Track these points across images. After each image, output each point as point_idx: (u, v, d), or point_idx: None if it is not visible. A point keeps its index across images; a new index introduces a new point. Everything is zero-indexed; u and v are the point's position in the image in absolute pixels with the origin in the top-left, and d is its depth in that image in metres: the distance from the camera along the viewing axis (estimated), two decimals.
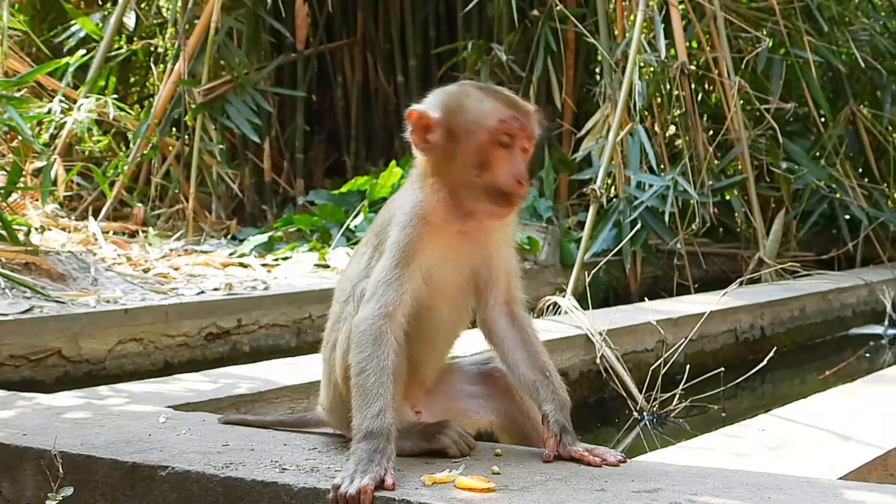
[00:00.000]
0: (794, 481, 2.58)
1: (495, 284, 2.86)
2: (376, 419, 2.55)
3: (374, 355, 2.63)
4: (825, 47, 9.94)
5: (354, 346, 2.67)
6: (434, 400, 2.96)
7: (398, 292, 2.69)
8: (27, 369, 5.40)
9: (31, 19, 11.04)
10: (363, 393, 2.60)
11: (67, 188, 9.24)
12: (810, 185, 9.93)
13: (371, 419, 2.55)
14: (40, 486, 2.88)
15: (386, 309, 2.68)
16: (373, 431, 2.54)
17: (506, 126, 2.71)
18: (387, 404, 2.58)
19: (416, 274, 2.73)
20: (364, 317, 2.68)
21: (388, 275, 2.71)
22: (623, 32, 9.10)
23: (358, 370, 2.63)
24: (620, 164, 8.45)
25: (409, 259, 2.72)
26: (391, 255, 2.74)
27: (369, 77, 11.80)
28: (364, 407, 2.58)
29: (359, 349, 2.65)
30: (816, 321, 8.03)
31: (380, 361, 2.62)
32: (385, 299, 2.68)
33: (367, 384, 2.60)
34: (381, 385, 2.60)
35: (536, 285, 8.20)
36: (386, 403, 2.58)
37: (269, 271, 7.67)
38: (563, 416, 2.74)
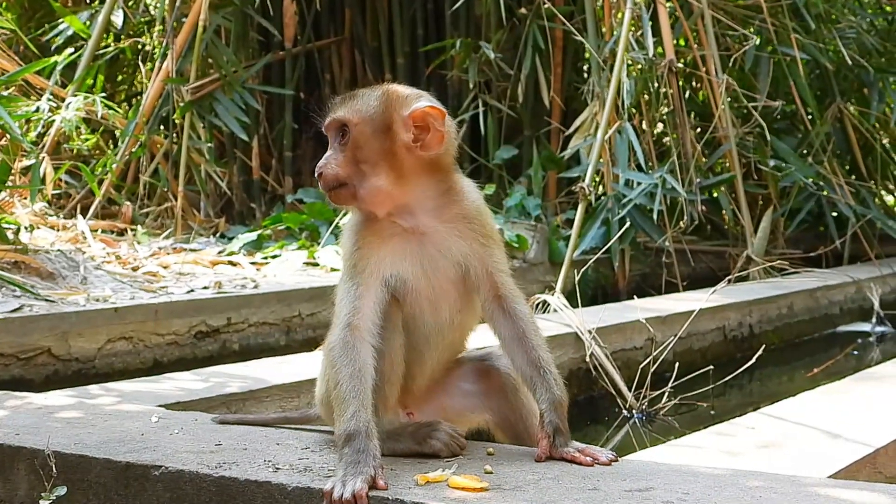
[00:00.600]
0: (784, 480, 2.60)
1: (481, 283, 2.86)
2: (351, 420, 2.59)
3: (343, 366, 2.68)
4: (812, 45, 9.97)
5: (328, 365, 2.75)
6: (430, 398, 2.98)
7: (354, 304, 2.75)
8: (17, 368, 5.39)
9: (18, 18, 11.02)
10: (339, 402, 2.65)
11: (56, 186, 9.22)
12: (798, 183, 9.96)
13: (347, 421, 2.59)
14: (33, 485, 2.88)
15: (347, 322, 2.74)
16: (351, 433, 2.57)
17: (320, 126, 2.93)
18: (360, 405, 2.62)
19: (369, 281, 2.78)
20: (331, 338, 2.76)
21: (344, 290, 2.80)
22: (611, 30, 9.11)
23: (333, 384, 2.69)
24: (609, 162, 8.46)
25: (359, 269, 2.79)
26: (343, 269, 2.86)
27: (357, 75, 11.79)
28: (340, 413, 2.63)
29: (331, 366, 2.72)
30: (804, 319, 8.06)
31: (349, 369, 2.67)
32: (344, 314, 2.75)
33: (340, 393, 2.65)
34: (352, 389, 2.64)
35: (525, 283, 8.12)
36: (359, 405, 2.62)
37: (258, 269, 7.68)
38: (557, 416, 2.74)
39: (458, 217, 2.84)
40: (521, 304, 2.87)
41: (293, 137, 11.16)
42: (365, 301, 2.75)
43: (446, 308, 2.87)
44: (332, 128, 2.85)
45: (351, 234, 2.85)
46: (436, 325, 2.87)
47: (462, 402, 3.00)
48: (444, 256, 2.83)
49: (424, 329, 2.86)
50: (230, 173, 10.69)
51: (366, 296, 2.76)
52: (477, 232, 2.86)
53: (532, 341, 2.83)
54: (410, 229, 2.81)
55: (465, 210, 2.86)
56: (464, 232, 2.84)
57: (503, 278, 2.87)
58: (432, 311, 2.85)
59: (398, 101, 2.84)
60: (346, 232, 2.88)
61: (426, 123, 2.80)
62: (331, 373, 2.71)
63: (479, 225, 2.87)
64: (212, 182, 10.00)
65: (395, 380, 2.82)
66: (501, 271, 2.87)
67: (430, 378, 2.97)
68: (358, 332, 2.72)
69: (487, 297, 2.86)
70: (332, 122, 2.85)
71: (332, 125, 2.85)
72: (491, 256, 2.86)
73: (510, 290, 2.87)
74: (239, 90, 9.69)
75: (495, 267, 2.86)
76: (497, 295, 2.86)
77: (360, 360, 2.68)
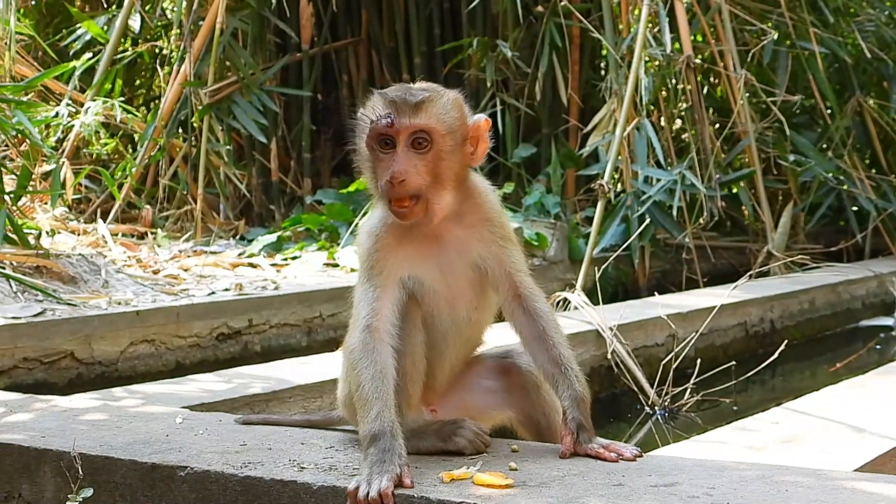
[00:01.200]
0: (810, 474, 2.59)
1: (500, 283, 2.86)
2: (376, 421, 2.60)
3: (365, 368, 2.69)
4: (831, 39, 9.94)
5: (349, 367, 2.75)
6: (452, 396, 2.99)
7: (372, 305, 2.76)
8: (40, 372, 5.42)
9: (36, 23, 11.07)
10: (362, 403, 2.66)
11: (76, 191, 9.25)
12: (818, 178, 9.93)
13: (371, 422, 2.60)
14: (60, 487, 2.90)
15: (366, 324, 2.74)
16: (376, 433, 2.58)
17: (375, 127, 2.72)
18: (384, 405, 2.63)
19: (387, 282, 2.78)
20: (350, 340, 2.77)
21: (362, 292, 2.80)
22: (628, 27, 9.10)
23: (356, 386, 2.70)
24: (627, 159, 8.45)
25: (376, 271, 2.79)
26: (361, 270, 2.86)
27: (375, 75, 11.79)
28: (364, 414, 2.64)
29: (352, 368, 2.73)
30: (826, 314, 8.03)
31: (370, 371, 2.68)
32: (363, 316, 2.76)
33: (363, 395, 2.66)
34: (375, 391, 2.65)
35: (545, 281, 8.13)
36: (383, 405, 2.63)
37: (278, 271, 7.69)
38: (579, 412, 2.74)
39: (479, 220, 2.85)
40: (541, 302, 2.87)
41: (311, 139, 11.17)
42: (383, 303, 2.76)
43: (463, 306, 2.88)
44: (408, 133, 2.71)
45: (368, 235, 2.84)
46: (453, 323, 2.88)
47: (484, 399, 3.01)
48: (462, 259, 2.83)
49: (442, 327, 2.87)
50: (249, 175, 10.70)
51: (384, 297, 2.76)
52: (496, 234, 2.87)
53: (553, 339, 2.83)
54: (430, 233, 2.81)
55: (485, 213, 2.86)
56: (483, 235, 2.85)
57: (522, 278, 2.87)
58: (450, 309, 2.86)
59: (465, 111, 2.83)
60: (364, 233, 2.87)
61: (479, 135, 2.82)
62: (352, 375, 2.72)
63: (499, 227, 2.88)
64: (231, 184, 10.02)
65: (418, 377, 2.83)
66: (520, 271, 2.88)
67: (451, 374, 2.98)
68: (377, 333, 2.73)
69: (507, 296, 2.86)
70: (411, 128, 2.71)
71: (410, 131, 2.71)
72: (509, 257, 2.87)
73: (530, 289, 2.87)
74: (257, 92, 9.70)
75: (514, 267, 2.87)
76: (517, 294, 2.86)
77: (381, 361, 2.69)
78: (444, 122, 2.74)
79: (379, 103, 2.74)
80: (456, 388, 3.00)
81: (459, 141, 2.77)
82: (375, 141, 2.73)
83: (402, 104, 2.70)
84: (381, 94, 2.76)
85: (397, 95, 2.72)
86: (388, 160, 2.71)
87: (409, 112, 2.70)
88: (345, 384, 2.89)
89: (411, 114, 2.70)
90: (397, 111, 2.70)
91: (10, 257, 6.25)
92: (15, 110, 6.78)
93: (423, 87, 2.79)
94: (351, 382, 2.73)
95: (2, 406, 3.55)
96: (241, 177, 10.11)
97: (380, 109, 2.72)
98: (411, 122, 2.70)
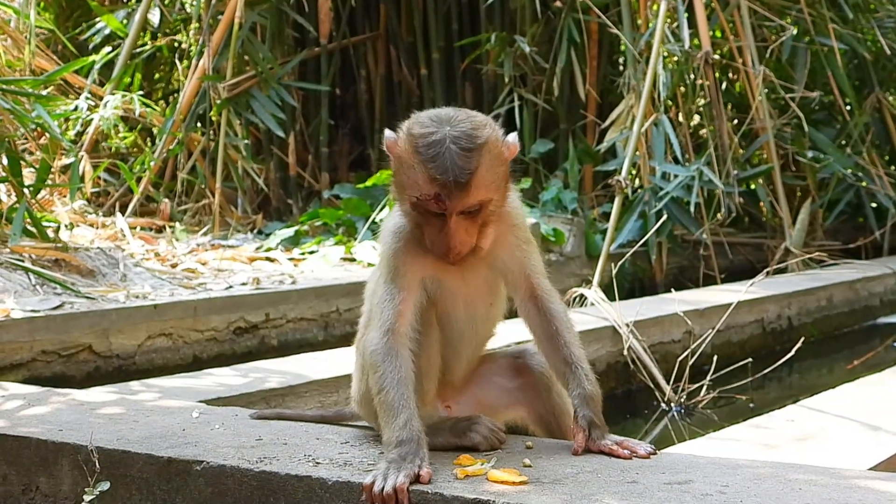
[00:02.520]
0: (824, 472, 2.59)
1: (515, 284, 2.87)
2: (404, 429, 2.60)
3: (389, 371, 2.69)
4: (850, 35, 9.90)
5: (370, 368, 2.74)
6: (466, 393, 3.00)
7: (395, 308, 2.75)
8: (58, 365, 5.45)
9: (56, 17, 11.11)
10: (387, 409, 2.66)
11: (94, 185, 9.29)
12: (836, 174, 9.91)
13: (400, 430, 2.60)
14: (77, 480, 2.92)
15: (387, 326, 2.74)
16: (403, 440, 2.58)
17: (424, 203, 2.64)
18: (412, 414, 2.63)
19: (411, 284, 2.77)
20: (371, 339, 2.76)
21: (383, 292, 2.79)
22: (646, 22, 9.09)
23: (377, 389, 2.69)
24: (645, 155, 8.44)
25: (399, 272, 2.78)
26: (382, 270, 2.83)
27: (392, 70, 11.82)
28: (391, 421, 2.63)
29: (374, 370, 2.72)
30: (844, 311, 8.01)
31: (395, 376, 2.68)
32: (384, 318, 2.75)
33: (388, 400, 2.66)
34: (401, 397, 2.65)
35: (562, 277, 8.21)
36: (411, 413, 2.63)
37: (295, 265, 7.71)
38: (590, 409, 2.75)
39: (507, 227, 2.85)
40: (556, 303, 2.88)
41: (329, 133, 11.18)
42: (406, 305, 2.76)
43: (480, 305, 2.90)
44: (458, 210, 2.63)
45: (393, 236, 2.82)
46: (469, 322, 2.90)
47: (497, 397, 3.02)
48: (485, 263, 2.83)
49: (458, 325, 2.88)
50: (267, 170, 10.73)
51: (407, 300, 2.76)
52: (520, 239, 2.88)
53: (564, 338, 2.83)
54: None
55: (512, 220, 2.86)
56: (509, 241, 2.85)
57: (539, 280, 2.88)
58: (467, 309, 2.87)
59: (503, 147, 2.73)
60: (388, 233, 2.85)
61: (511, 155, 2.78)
62: (374, 377, 2.71)
63: (522, 231, 2.89)
64: (249, 178, 10.05)
65: (433, 374, 2.84)
66: (538, 273, 2.89)
67: (466, 371, 2.99)
68: (400, 337, 2.73)
69: (524, 297, 2.88)
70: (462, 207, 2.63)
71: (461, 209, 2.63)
72: (529, 260, 2.88)
73: (546, 291, 2.88)
74: (275, 87, 9.72)
75: (533, 270, 2.88)
76: (533, 295, 2.87)
77: (405, 365, 2.70)
78: (493, 184, 2.67)
79: (423, 178, 2.61)
80: (470, 384, 3.02)
81: (503, 182, 2.74)
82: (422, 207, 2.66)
83: (452, 186, 2.59)
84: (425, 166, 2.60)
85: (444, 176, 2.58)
86: (437, 224, 2.66)
87: (459, 193, 2.60)
88: (360, 383, 2.90)
89: (462, 194, 2.61)
90: (448, 193, 2.60)
91: (30, 250, 6.28)
92: (34, 104, 6.82)
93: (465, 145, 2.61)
94: (371, 384, 2.73)
95: (20, 399, 3.57)
96: (258, 171, 10.14)
97: (425, 187, 2.61)
98: (463, 202, 2.62)
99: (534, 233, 8.03)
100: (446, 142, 2.60)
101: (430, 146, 2.61)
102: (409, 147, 2.66)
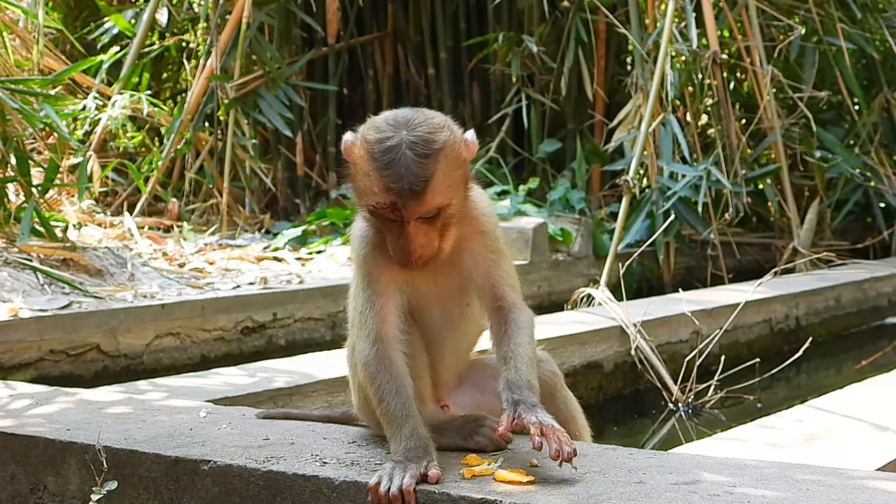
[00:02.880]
0: (831, 472, 2.58)
1: (480, 293, 2.81)
2: (411, 439, 2.58)
3: (385, 382, 2.66)
4: (858, 34, 9.88)
5: (366, 380, 2.71)
6: (465, 394, 2.97)
7: (380, 314, 2.71)
8: (66, 364, 5.46)
9: (64, 17, 11.13)
10: (390, 420, 2.64)
11: (103, 184, 9.32)
12: (845, 174, 9.89)
13: (407, 440, 2.58)
14: (85, 480, 2.92)
15: (376, 334, 2.70)
16: (411, 447, 2.56)
17: (380, 210, 2.58)
18: (416, 423, 2.61)
19: (387, 286, 2.72)
20: (361, 350, 2.72)
21: (363, 300, 2.73)
22: (654, 22, 9.08)
23: (377, 401, 2.67)
24: (653, 155, 8.44)
25: (375, 277, 2.73)
26: (358, 277, 2.78)
27: (400, 70, 11.83)
28: (396, 432, 2.62)
29: (370, 382, 2.69)
30: (852, 311, 8.00)
31: (392, 385, 2.66)
32: (369, 327, 2.71)
33: (390, 411, 2.64)
34: (402, 407, 2.63)
35: (569, 277, 8.21)
36: (415, 422, 2.61)
37: (303, 265, 7.72)
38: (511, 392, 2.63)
39: (474, 233, 2.79)
40: (518, 314, 2.79)
41: (337, 133, 11.16)
42: (388, 309, 2.72)
43: (455, 307, 2.85)
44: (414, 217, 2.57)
45: (361, 241, 2.77)
46: (445, 323, 2.85)
47: (498, 402, 2.97)
48: (453, 267, 2.78)
49: (434, 325, 2.83)
50: (274, 169, 10.74)
51: (388, 305, 2.72)
52: (488, 248, 2.81)
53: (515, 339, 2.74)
54: None
55: (481, 227, 2.78)
56: (475, 248, 2.78)
57: (506, 291, 2.80)
58: (441, 311, 2.83)
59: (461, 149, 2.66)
60: (357, 239, 2.79)
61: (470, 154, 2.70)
62: (371, 389, 2.69)
63: (492, 240, 2.81)
64: (256, 178, 10.05)
65: (423, 373, 2.79)
66: (506, 283, 2.81)
67: (455, 367, 2.95)
68: (389, 342, 2.70)
69: (489, 307, 2.81)
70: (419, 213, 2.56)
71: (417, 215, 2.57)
72: (497, 269, 2.80)
73: (510, 303, 2.80)
74: (282, 86, 9.74)
75: (499, 280, 2.80)
76: (498, 306, 2.80)
77: (400, 373, 2.67)
78: (451, 188, 2.60)
79: (378, 186, 2.55)
80: (469, 386, 2.98)
81: (462, 184, 2.67)
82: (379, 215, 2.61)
83: (406, 194, 2.52)
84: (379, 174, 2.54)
85: (398, 185, 2.52)
86: (395, 230, 2.60)
87: (415, 201, 2.54)
88: (358, 392, 2.87)
89: (418, 202, 2.54)
90: (404, 202, 2.54)
91: (38, 250, 6.29)
92: (43, 103, 6.83)
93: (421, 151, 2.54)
94: (370, 396, 2.70)
95: (28, 398, 3.58)
96: (266, 171, 10.15)
97: (380, 196, 2.55)
98: (419, 208, 2.56)
99: (541, 232, 8.07)
100: (402, 147, 2.54)
101: (385, 152, 2.55)
102: (365, 153, 2.59)
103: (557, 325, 5.80)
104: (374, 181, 2.56)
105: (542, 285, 8.12)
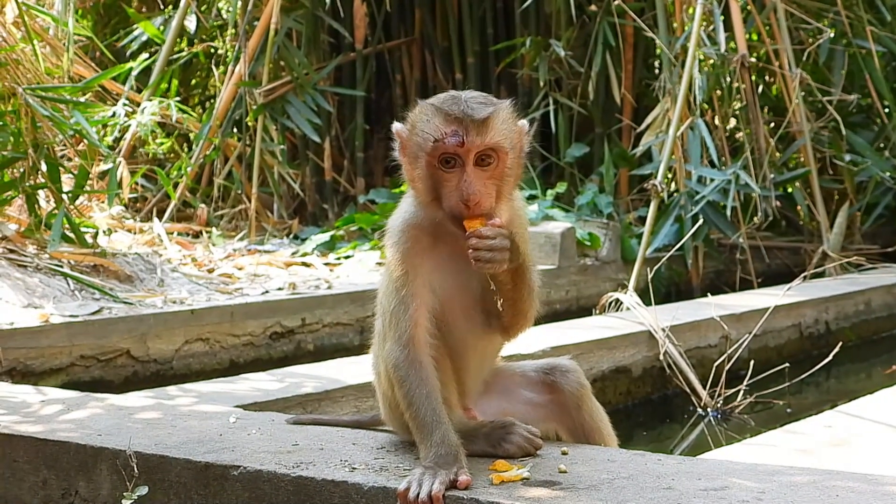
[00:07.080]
0: (861, 479, 2.57)
1: None
2: (442, 445, 2.58)
3: (415, 386, 2.66)
4: (888, 37, 9.82)
5: (395, 383, 2.71)
6: (491, 402, 2.97)
7: (408, 316, 2.69)
8: (97, 369, 5.49)
9: (94, 24, 11.21)
10: (420, 425, 2.64)
11: (132, 190, 9.37)
12: (874, 177, 9.83)
13: (437, 446, 2.58)
14: (115, 485, 2.94)
15: (404, 337, 2.69)
16: (441, 454, 2.56)
17: (442, 147, 2.59)
18: (447, 429, 2.61)
19: (421, 288, 2.71)
20: (390, 352, 2.71)
21: (394, 300, 2.71)
22: (682, 26, 9.06)
23: (407, 404, 2.67)
24: (681, 159, 8.41)
25: (412, 276, 2.71)
26: (390, 275, 2.75)
27: (428, 75, 11.83)
28: (427, 437, 2.61)
29: (399, 385, 2.69)
30: (882, 315, 7.94)
31: (422, 389, 2.65)
32: (401, 329, 2.69)
33: (420, 415, 2.64)
34: (433, 412, 2.63)
35: (597, 281, 8.20)
36: (446, 428, 2.61)
37: (331, 270, 7.74)
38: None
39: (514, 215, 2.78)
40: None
41: (365, 138, 11.22)
42: (422, 312, 2.70)
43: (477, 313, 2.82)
44: (477, 152, 2.60)
45: (401, 235, 2.75)
46: (469, 329, 2.83)
47: (525, 411, 2.95)
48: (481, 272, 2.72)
49: (459, 331, 2.81)
50: (303, 175, 10.78)
51: (421, 307, 2.70)
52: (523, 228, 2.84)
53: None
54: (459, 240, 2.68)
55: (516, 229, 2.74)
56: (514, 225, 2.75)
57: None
58: (465, 316, 2.81)
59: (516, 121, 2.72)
60: (396, 233, 2.77)
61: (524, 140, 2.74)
62: (400, 392, 2.68)
63: (524, 244, 2.78)
64: (285, 184, 10.09)
65: (449, 380, 2.78)
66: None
67: (479, 374, 2.95)
68: (420, 346, 2.69)
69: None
70: (480, 146, 2.59)
71: (478, 150, 2.60)
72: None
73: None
74: (310, 92, 9.77)
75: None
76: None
77: (430, 376, 2.67)
78: (509, 137, 2.64)
79: (440, 120, 2.60)
80: (495, 394, 2.98)
81: (518, 153, 2.70)
82: (438, 160, 2.62)
83: (468, 122, 2.58)
84: (441, 110, 2.62)
85: (462, 111, 2.58)
86: (455, 178, 2.61)
87: (476, 130, 2.58)
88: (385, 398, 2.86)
89: (479, 132, 2.58)
90: (465, 129, 2.58)
91: (68, 256, 6.34)
92: (73, 110, 6.87)
93: (480, 100, 2.64)
94: (399, 399, 2.69)
95: (59, 404, 3.60)
96: (294, 176, 10.19)
97: (443, 127, 2.59)
98: (481, 140, 2.59)
99: (569, 237, 8.06)
100: (463, 95, 2.65)
101: (446, 99, 2.65)
102: (423, 111, 2.67)
103: (586, 330, 5.79)
104: (434, 120, 2.61)
105: (570, 290, 8.11)
